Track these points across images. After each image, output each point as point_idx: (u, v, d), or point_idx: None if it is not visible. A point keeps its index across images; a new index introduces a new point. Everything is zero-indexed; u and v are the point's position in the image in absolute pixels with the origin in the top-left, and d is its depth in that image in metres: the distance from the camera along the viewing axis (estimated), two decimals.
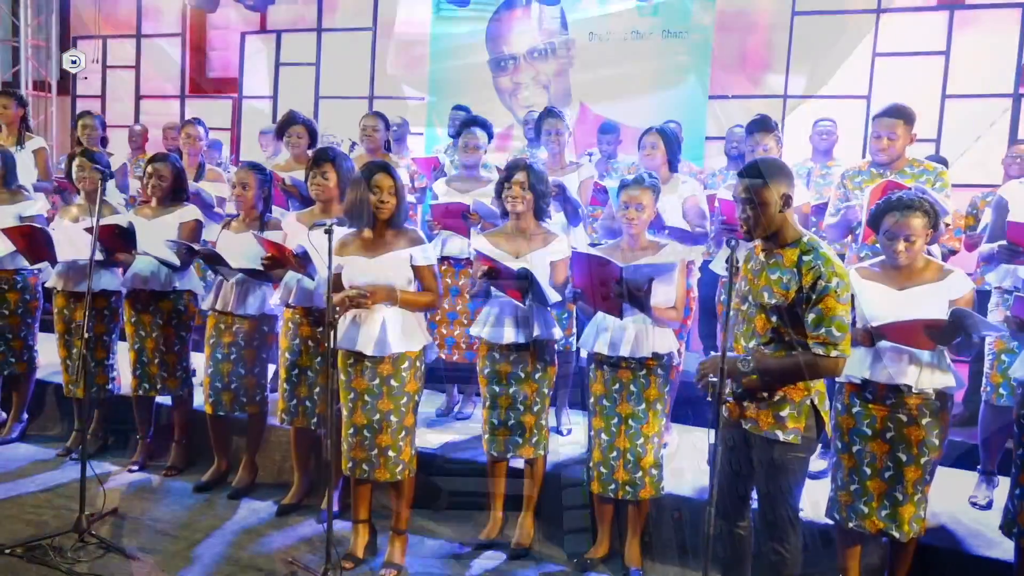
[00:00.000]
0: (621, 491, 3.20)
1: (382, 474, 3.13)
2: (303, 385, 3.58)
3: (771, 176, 2.45)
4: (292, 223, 3.62)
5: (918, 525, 2.81)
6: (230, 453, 4.06)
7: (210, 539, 3.42)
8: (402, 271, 3.09)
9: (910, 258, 2.69)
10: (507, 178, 3.30)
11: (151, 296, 4.01)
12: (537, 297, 3.19)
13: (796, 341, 2.43)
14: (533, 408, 3.34)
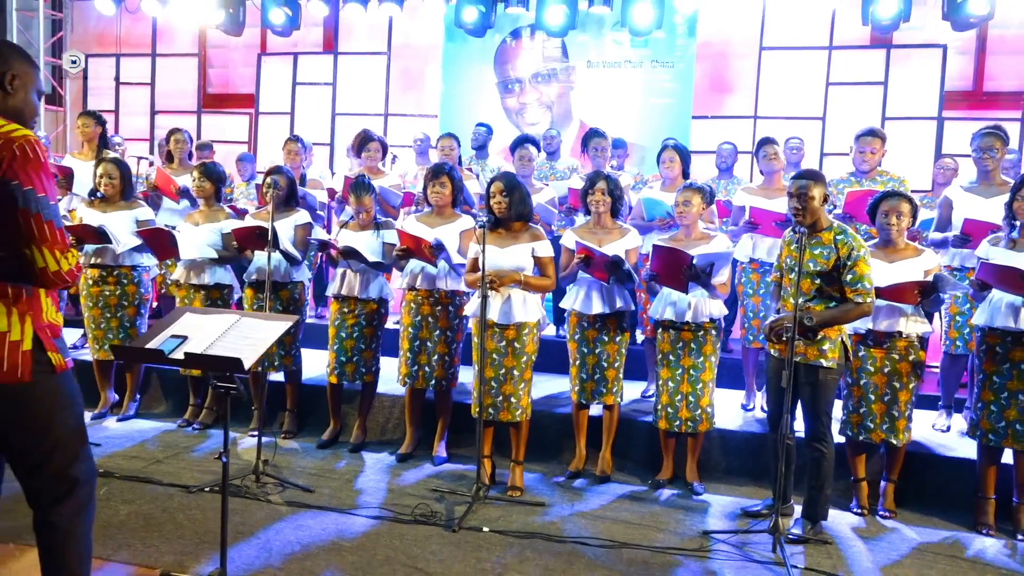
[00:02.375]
0: (684, 426, 4.19)
1: (505, 416, 4.04)
2: (423, 354, 4.44)
3: (816, 180, 3.51)
4: (413, 223, 4.48)
5: (908, 434, 3.92)
6: (341, 416, 4.86)
7: (360, 477, 4.23)
8: (526, 259, 4.01)
9: (900, 232, 3.79)
10: (591, 186, 4.26)
11: (272, 286, 4.78)
12: (622, 278, 4.16)
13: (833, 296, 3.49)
14: (614, 364, 4.29)
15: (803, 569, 3.30)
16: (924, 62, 7.00)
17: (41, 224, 2.10)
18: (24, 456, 2.23)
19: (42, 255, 2.11)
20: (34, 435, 2.21)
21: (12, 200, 2.07)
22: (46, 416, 2.21)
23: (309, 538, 3.41)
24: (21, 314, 2.16)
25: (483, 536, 3.50)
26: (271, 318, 2.83)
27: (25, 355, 2.16)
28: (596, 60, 7.46)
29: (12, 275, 2.14)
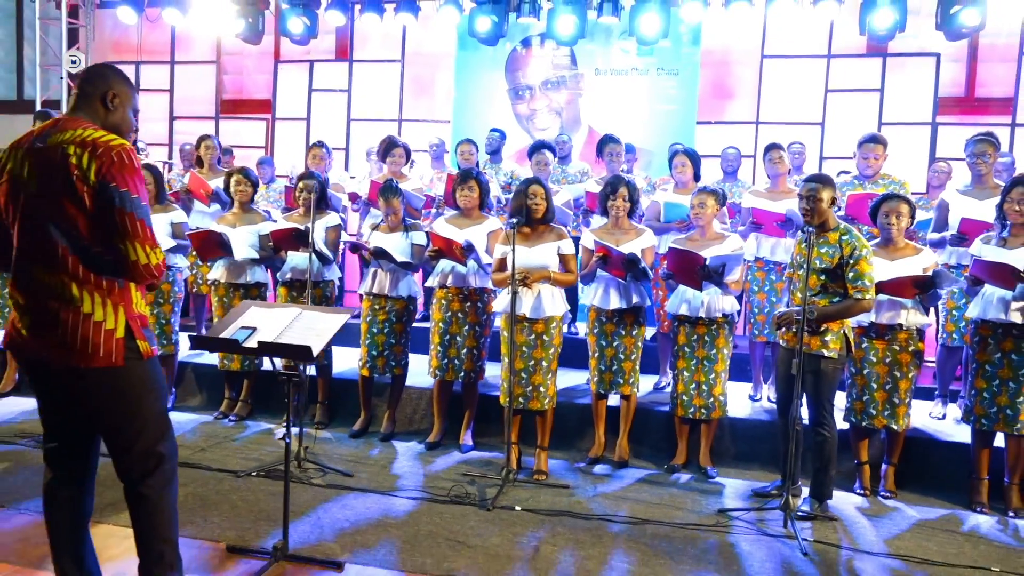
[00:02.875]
0: (698, 413, 4.48)
1: (535, 404, 4.32)
2: (452, 348, 4.71)
3: (824, 184, 3.80)
4: (442, 224, 4.75)
5: (907, 420, 4.21)
6: (371, 408, 5.12)
7: (394, 463, 4.50)
8: (552, 257, 4.29)
9: (900, 232, 4.08)
10: (612, 191, 4.54)
11: (304, 285, 5.05)
12: (638, 275, 4.44)
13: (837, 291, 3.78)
14: (631, 356, 4.57)
15: (812, 542, 3.58)
16: (918, 70, 7.31)
17: (134, 222, 2.34)
18: (117, 435, 2.47)
19: (134, 250, 2.35)
20: (126, 416, 2.46)
21: (110, 200, 2.31)
22: (136, 398, 2.46)
23: (356, 516, 3.68)
24: (115, 305, 2.40)
25: (516, 514, 3.77)
26: (330, 311, 3.10)
27: (118, 342, 2.40)
28: (604, 68, 7.75)
29: (107, 269, 2.37)
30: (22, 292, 2.39)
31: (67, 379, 2.39)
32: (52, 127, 2.43)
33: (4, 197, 2.42)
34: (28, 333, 2.38)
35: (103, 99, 2.50)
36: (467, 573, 3.13)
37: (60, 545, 2.53)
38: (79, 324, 2.34)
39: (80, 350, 2.34)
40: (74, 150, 2.32)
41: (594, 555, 3.35)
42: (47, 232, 2.33)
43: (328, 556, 3.22)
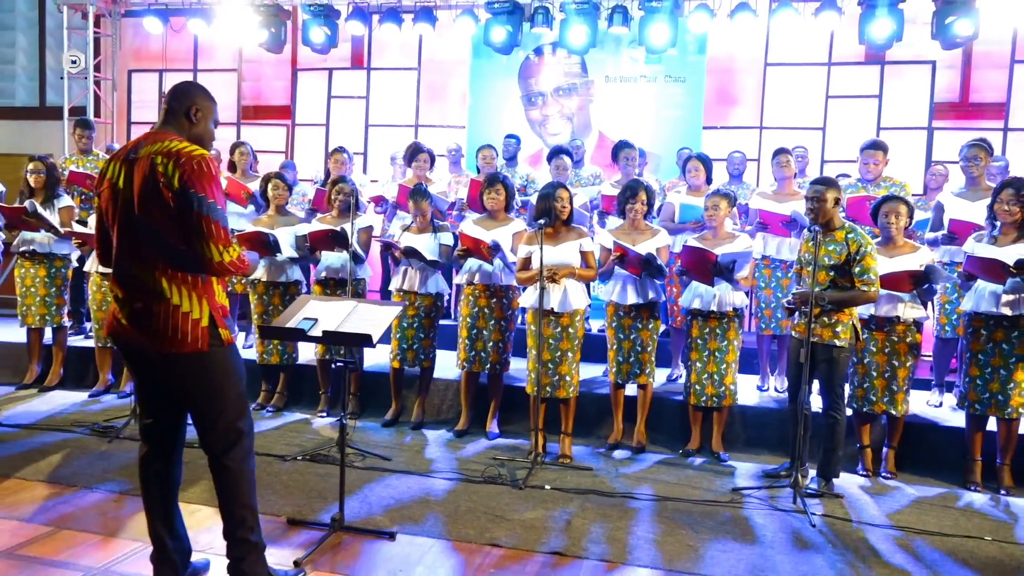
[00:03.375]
0: (710, 401, 4.80)
1: (561, 393, 4.64)
2: (479, 341, 5.02)
3: (829, 186, 4.12)
4: (470, 225, 5.07)
5: (906, 406, 4.53)
6: (401, 399, 5.43)
7: (427, 449, 4.81)
8: (574, 255, 4.61)
9: (899, 231, 4.40)
10: (632, 195, 4.86)
11: (338, 283, 5.37)
12: (653, 273, 4.76)
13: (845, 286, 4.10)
14: (647, 348, 4.89)
15: (821, 515, 3.89)
16: (915, 77, 7.63)
17: (210, 224, 2.63)
18: (203, 413, 2.78)
19: (210, 249, 2.63)
20: (210, 396, 2.76)
21: (190, 205, 2.60)
22: (219, 380, 2.76)
23: (399, 495, 3.99)
24: (199, 297, 2.70)
25: (546, 492, 4.09)
26: (384, 304, 3.41)
27: (203, 330, 2.70)
28: (613, 75, 8.06)
29: (191, 266, 2.67)
30: (121, 287, 2.70)
31: (160, 363, 2.70)
32: (144, 139, 2.74)
33: (105, 203, 2.73)
34: (127, 323, 2.69)
35: (187, 113, 2.81)
36: (508, 541, 3.44)
37: (154, 510, 2.84)
38: (169, 315, 2.64)
39: (171, 337, 2.65)
40: (160, 160, 2.62)
41: (621, 526, 3.66)
42: (140, 234, 2.64)
43: (379, 528, 3.53)
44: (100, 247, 2.84)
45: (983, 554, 3.52)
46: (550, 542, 3.45)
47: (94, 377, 5.94)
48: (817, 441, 4.35)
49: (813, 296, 3.97)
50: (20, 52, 10.74)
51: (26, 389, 5.89)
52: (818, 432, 4.33)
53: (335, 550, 3.30)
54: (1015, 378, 4.26)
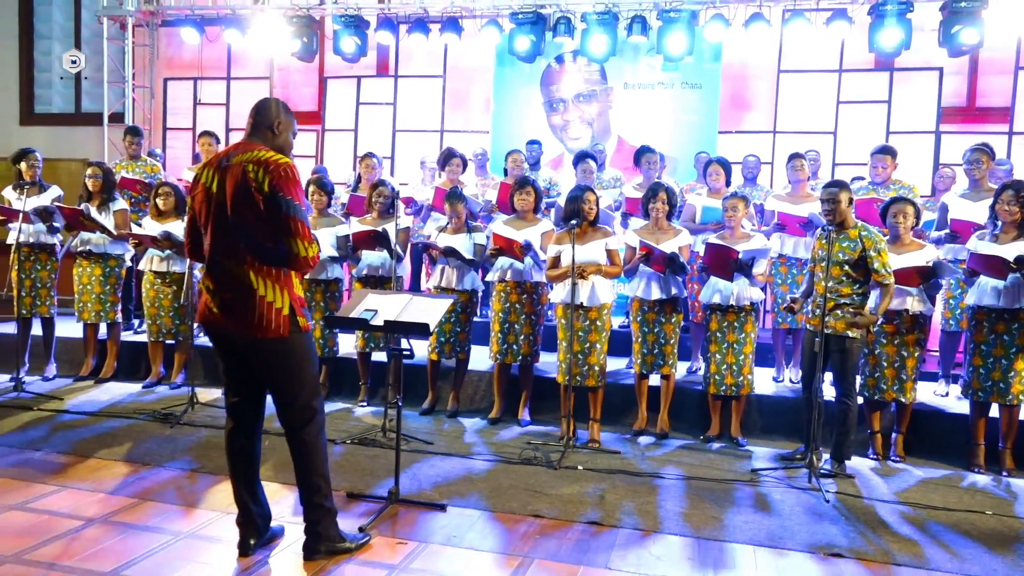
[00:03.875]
0: (729, 390, 5.12)
1: (590, 381, 4.98)
2: (511, 334, 5.36)
3: (842, 188, 4.44)
4: (501, 226, 5.41)
5: (914, 394, 4.84)
6: (437, 389, 5.78)
7: (464, 435, 5.16)
8: (600, 253, 4.95)
9: (906, 230, 4.71)
10: (653, 196, 5.19)
11: (378, 280, 5.72)
12: (676, 270, 5.09)
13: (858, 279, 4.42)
14: (670, 341, 5.22)
15: (834, 493, 4.22)
16: (923, 83, 7.93)
17: (296, 223, 2.99)
18: (283, 392, 3.13)
19: (296, 245, 2.99)
20: (290, 377, 3.12)
21: (279, 206, 2.96)
22: (297, 363, 3.12)
23: (444, 473, 4.34)
24: (281, 288, 3.05)
25: (579, 472, 4.42)
26: (436, 298, 3.76)
27: (285, 318, 3.05)
28: (632, 82, 8.40)
29: (275, 260, 3.02)
30: (213, 279, 3.06)
31: (246, 347, 3.06)
32: (235, 149, 3.10)
33: (199, 205, 3.09)
34: (217, 311, 3.04)
35: (271, 127, 3.17)
36: (549, 513, 3.78)
37: (239, 479, 3.20)
38: (256, 304, 3.00)
39: (257, 324, 3.00)
40: (252, 167, 2.98)
41: (650, 501, 4.00)
42: (232, 232, 2.99)
43: (431, 500, 3.87)
44: (190, 244, 3.20)
45: (984, 526, 3.83)
46: (587, 514, 3.79)
47: (145, 370, 6.31)
48: (830, 427, 4.67)
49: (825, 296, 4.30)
50: (56, 61, 11.16)
51: (83, 381, 6.26)
52: (831, 419, 4.65)
53: (393, 519, 3.64)
54: (1015, 367, 4.57)
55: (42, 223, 6.02)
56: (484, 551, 3.35)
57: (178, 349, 6.21)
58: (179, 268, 5.99)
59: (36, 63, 11.20)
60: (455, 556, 3.29)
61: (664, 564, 3.28)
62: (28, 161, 6.16)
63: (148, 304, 6.07)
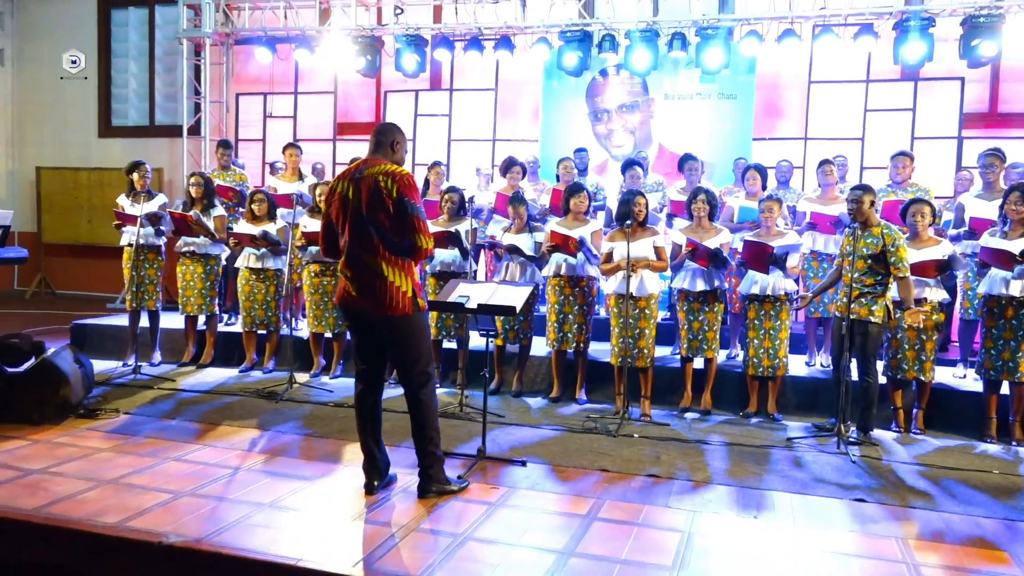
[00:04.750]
0: (766, 372, 5.75)
1: (640, 363, 5.64)
2: (566, 324, 6.04)
3: (866, 191, 5.07)
4: (554, 225, 6.10)
5: (932, 374, 5.44)
6: (502, 372, 6.47)
7: (530, 411, 5.85)
8: (649, 250, 5.62)
9: (924, 228, 5.32)
10: (695, 198, 5.85)
11: (450, 275, 6.43)
12: (718, 264, 5.73)
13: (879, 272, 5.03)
14: (713, 328, 5.86)
15: (860, 456, 4.84)
16: (945, 91, 8.48)
17: (418, 221, 3.71)
18: (405, 360, 3.84)
19: (420, 239, 3.72)
20: (409, 347, 3.83)
21: (405, 208, 3.68)
22: (416, 335, 3.83)
23: (518, 439, 5.03)
24: (405, 275, 3.78)
25: (635, 439, 5.09)
26: (518, 286, 4.47)
27: (408, 299, 3.77)
28: (672, 93, 9.04)
29: (401, 252, 3.74)
30: (350, 269, 3.79)
31: (378, 323, 3.78)
32: (364, 164, 3.83)
33: (336, 211, 3.82)
34: (355, 294, 3.77)
35: (391, 145, 3.90)
36: (613, 468, 4.46)
37: (366, 432, 3.92)
38: (386, 288, 3.72)
39: (387, 304, 3.72)
40: (382, 177, 3.71)
41: (699, 461, 4.66)
42: (367, 230, 3.72)
43: (512, 457, 4.57)
44: (325, 242, 3.94)
45: (990, 482, 4.44)
46: (647, 469, 4.46)
47: (238, 357, 7.08)
48: (857, 403, 5.29)
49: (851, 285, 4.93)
50: (132, 77, 12.10)
51: (185, 366, 7.05)
52: (857, 397, 5.27)
53: (483, 471, 4.35)
54: (1023, 348, 5.15)
55: (151, 227, 6.83)
56: (563, 494, 4.04)
57: (268, 339, 6.97)
58: (272, 265, 6.75)
59: (113, 80, 12.14)
60: (539, 497, 3.98)
61: (714, 505, 3.95)
62: (139, 172, 6.96)
63: (243, 298, 6.84)
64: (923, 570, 3.25)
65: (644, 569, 3.17)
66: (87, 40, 12.07)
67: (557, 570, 3.14)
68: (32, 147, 12.46)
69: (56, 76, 12.11)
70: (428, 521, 3.63)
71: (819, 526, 3.73)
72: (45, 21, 12.27)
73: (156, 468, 4.23)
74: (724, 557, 3.34)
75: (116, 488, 3.87)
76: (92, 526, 3.39)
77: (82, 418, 5.17)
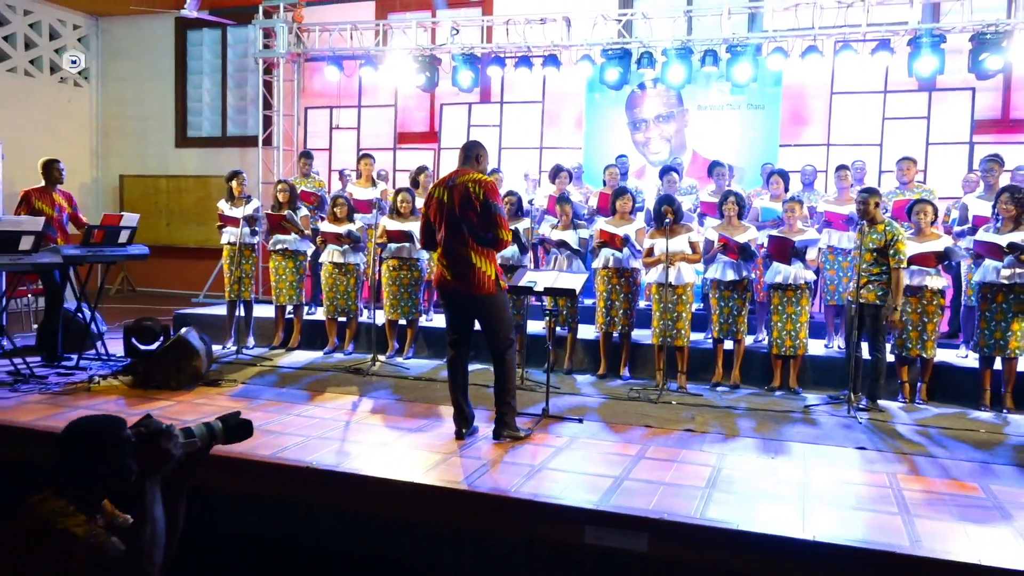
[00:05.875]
0: (788, 351, 6.59)
1: (678, 342, 6.53)
2: (612, 309, 6.94)
3: (871, 193, 5.90)
4: (603, 224, 7.00)
5: (934, 351, 6.24)
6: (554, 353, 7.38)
7: (580, 385, 6.76)
8: (685, 245, 6.50)
9: (926, 224, 6.12)
10: (726, 200, 6.72)
11: (509, 268, 7.35)
12: (747, 257, 6.59)
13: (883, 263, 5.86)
14: (742, 312, 6.71)
15: (868, 419, 5.67)
16: (958, 100, 9.22)
17: (500, 219, 4.65)
18: (491, 330, 4.78)
19: (501, 232, 4.66)
20: (495, 319, 4.76)
21: (489, 208, 4.62)
22: (500, 310, 4.77)
23: (573, 404, 5.95)
24: (490, 261, 4.72)
25: (673, 405, 5.98)
26: (575, 272, 5.38)
27: (492, 281, 4.71)
28: (704, 104, 9.89)
29: (486, 243, 4.68)
30: (446, 258, 4.74)
31: (468, 301, 4.74)
32: (456, 174, 4.78)
33: (434, 212, 4.78)
34: (450, 278, 4.73)
35: (476, 158, 4.84)
36: (654, 424, 5.36)
37: (456, 389, 4.87)
38: (476, 272, 4.67)
39: (476, 285, 4.67)
40: (472, 184, 4.66)
41: (729, 421, 5.54)
42: (459, 227, 4.67)
43: (570, 416, 5.48)
44: (424, 236, 4.90)
45: (977, 438, 5.25)
46: (684, 425, 5.35)
47: (321, 342, 8.06)
48: (866, 378, 6.10)
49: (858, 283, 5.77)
50: (205, 92, 13.24)
51: (275, 350, 8.06)
52: (867, 371, 6.09)
53: (546, 426, 5.27)
54: (1012, 328, 5.93)
55: (248, 227, 7.86)
56: (614, 442, 4.95)
57: (348, 325, 7.96)
58: (352, 260, 7.74)
59: (189, 95, 13.29)
60: (596, 444, 4.89)
61: (740, 450, 4.83)
62: (238, 180, 7.99)
63: (327, 289, 7.83)
64: (905, 494, 4.10)
65: (682, 489, 4.06)
66: (165, 60, 13.25)
67: (615, 488, 4.05)
68: (115, 157, 13.66)
69: (137, 92, 13.30)
70: (509, 456, 4.56)
71: (826, 465, 4.59)
72: (127, 42, 13.47)
73: (283, 420, 5.22)
74: (746, 482, 4.22)
75: (259, 433, 4.86)
76: (252, 456, 4.37)
77: (208, 386, 6.19)
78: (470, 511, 3.96)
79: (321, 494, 4.22)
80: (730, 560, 3.54)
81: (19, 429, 4.94)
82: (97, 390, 5.95)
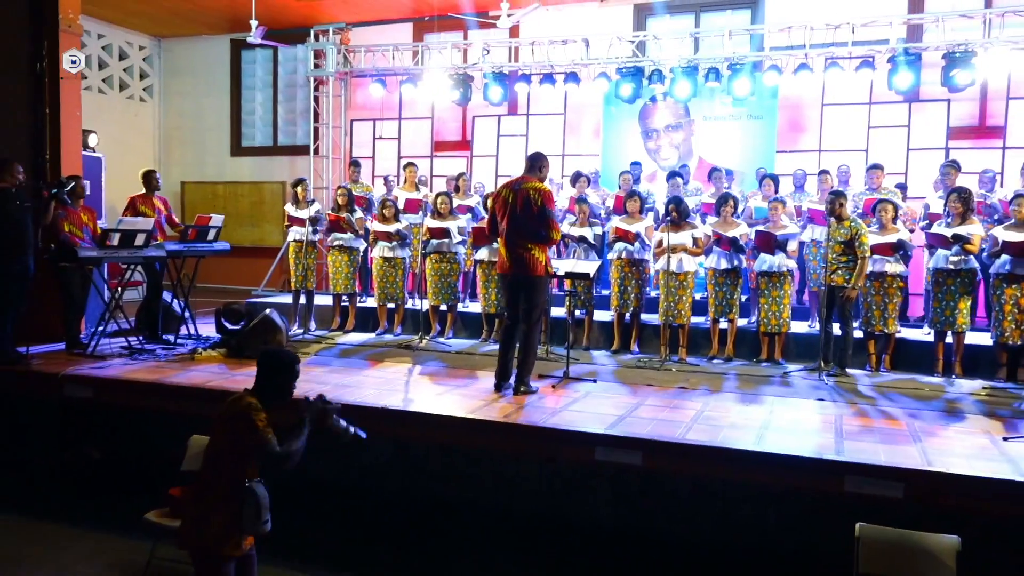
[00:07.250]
0: (773, 328, 7.76)
1: (679, 320, 7.73)
2: (625, 293, 8.14)
3: (838, 195, 7.07)
4: (618, 222, 8.21)
5: (896, 327, 7.39)
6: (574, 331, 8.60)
7: (596, 357, 7.98)
8: (688, 239, 7.70)
9: (887, 220, 7.27)
10: (723, 202, 7.91)
11: None
12: (737, 249, 7.77)
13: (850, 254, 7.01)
14: (734, 296, 7.89)
15: (835, 382, 6.83)
16: (936, 111, 10.31)
17: (552, 220, 5.91)
18: (528, 304, 6.01)
19: (552, 231, 5.91)
20: (533, 297, 6.00)
21: (544, 211, 5.87)
22: (540, 290, 6.02)
23: (588, 369, 7.18)
24: (543, 252, 5.96)
25: (675, 372, 7.18)
26: (590, 260, 6.61)
27: (542, 266, 5.96)
28: (709, 115, 11.06)
29: (540, 239, 5.91)
30: (508, 248, 6.00)
31: (522, 281, 5.99)
32: (520, 180, 6.04)
33: (500, 210, 6.03)
34: (509, 264, 5.99)
35: (539, 167, 6.10)
36: (656, 383, 6.57)
37: (506, 350, 6.11)
38: (531, 258, 5.93)
39: (529, 268, 5.94)
40: (532, 191, 5.92)
41: (717, 382, 6.75)
42: (523, 224, 5.92)
43: (586, 377, 6.71)
44: (490, 228, 6.19)
45: (921, 394, 6.41)
46: (679, 383, 6.56)
47: (372, 325, 9.33)
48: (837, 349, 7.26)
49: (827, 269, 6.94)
50: (258, 105, 14.59)
51: (333, 332, 9.35)
52: (838, 344, 7.24)
53: (566, 386, 6.50)
54: (959, 306, 7.06)
55: (311, 226, 9.16)
56: (622, 394, 6.18)
57: (396, 310, 9.24)
58: (400, 254, 9.01)
59: (243, 108, 14.65)
60: (606, 396, 6.12)
61: (722, 400, 6.03)
62: (302, 186, 9.29)
63: (378, 279, 9.11)
64: (844, 427, 5.29)
65: (671, 423, 5.29)
66: (221, 75, 14.62)
67: (619, 422, 5.28)
68: (176, 165, 15.05)
69: (196, 106, 14.69)
70: (537, 401, 5.82)
71: (788, 410, 5.78)
72: (187, 60, 14.86)
73: (357, 378, 6.51)
74: (721, 419, 5.43)
75: (338, 387, 6.15)
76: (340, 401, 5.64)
77: None
78: (508, 438, 5.20)
79: (395, 430, 5.48)
80: (703, 468, 4.75)
81: (169, 386, 6.25)
82: (200, 359, 7.27)
